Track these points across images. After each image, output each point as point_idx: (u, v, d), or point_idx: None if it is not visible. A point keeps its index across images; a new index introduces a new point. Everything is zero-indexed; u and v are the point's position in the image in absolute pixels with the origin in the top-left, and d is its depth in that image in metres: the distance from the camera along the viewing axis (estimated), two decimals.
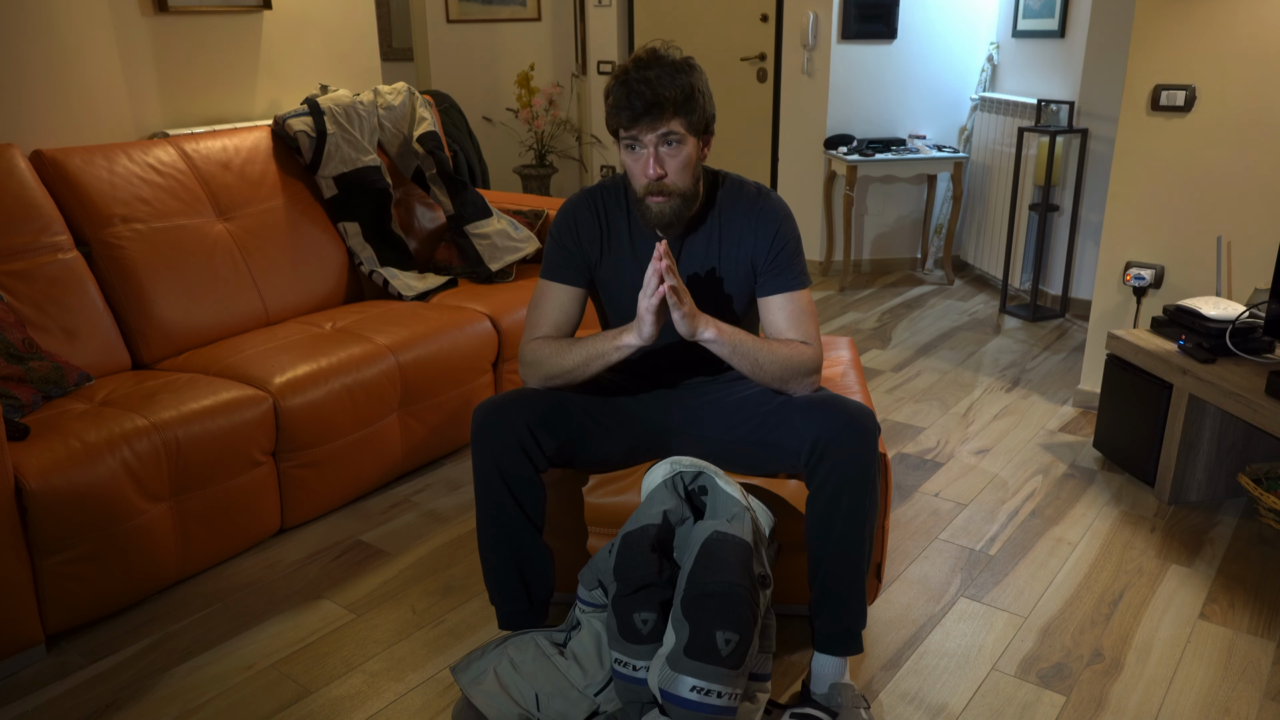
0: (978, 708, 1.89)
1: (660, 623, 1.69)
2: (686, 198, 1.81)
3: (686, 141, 1.76)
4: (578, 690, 1.76)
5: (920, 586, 2.29)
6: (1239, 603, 2.22)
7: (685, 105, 1.74)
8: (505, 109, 5.98)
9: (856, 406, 1.78)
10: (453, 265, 3.37)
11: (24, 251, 2.42)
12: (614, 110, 1.75)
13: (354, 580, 2.33)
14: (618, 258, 1.92)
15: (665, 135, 1.74)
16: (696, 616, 1.60)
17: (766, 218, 1.88)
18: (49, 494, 1.94)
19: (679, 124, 1.74)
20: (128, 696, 1.92)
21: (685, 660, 1.58)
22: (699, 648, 1.57)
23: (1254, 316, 2.54)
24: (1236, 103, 2.76)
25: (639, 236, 1.90)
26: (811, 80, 4.89)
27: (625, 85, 1.72)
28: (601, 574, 1.80)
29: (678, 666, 1.58)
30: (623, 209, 1.91)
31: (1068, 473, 2.86)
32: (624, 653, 1.70)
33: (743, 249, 1.89)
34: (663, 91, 1.70)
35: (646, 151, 1.75)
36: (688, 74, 1.75)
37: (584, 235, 1.92)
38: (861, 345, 3.98)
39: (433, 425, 2.81)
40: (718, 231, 1.89)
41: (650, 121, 1.72)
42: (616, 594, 1.72)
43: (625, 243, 1.91)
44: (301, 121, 3.08)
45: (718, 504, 1.76)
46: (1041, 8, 4.39)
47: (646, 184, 1.78)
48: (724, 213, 1.89)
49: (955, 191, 4.80)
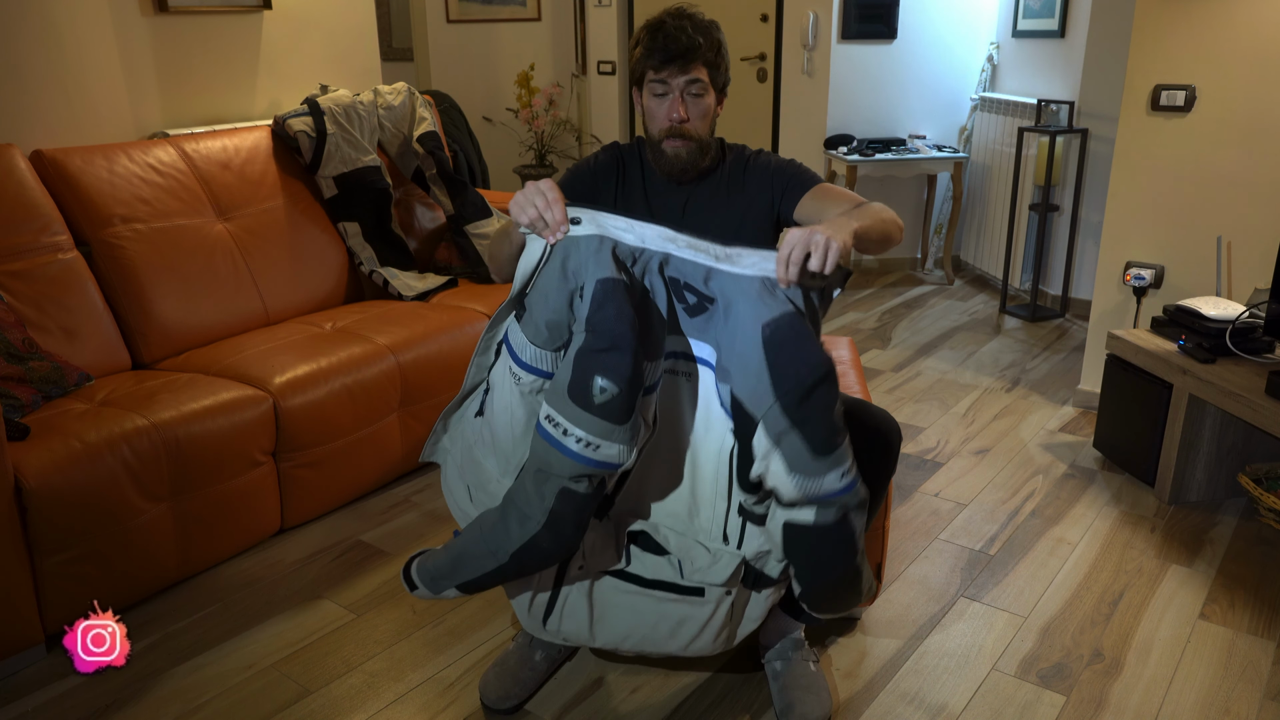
0: (978, 708, 1.89)
1: (622, 402, 1.50)
2: (702, 146, 1.86)
3: (708, 92, 1.82)
4: (496, 481, 1.73)
5: (920, 586, 2.29)
6: (1239, 603, 2.22)
7: (713, 58, 1.80)
8: (505, 109, 5.98)
9: (881, 414, 1.80)
10: (453, 265, 3.37)
11: (24, 251, 2.42)
12: (646, 53, 1.79)
13: (354, 580, 2.33)
14: (630, 204, 1.95)
15: (691, 82, 1.79)
16: (812, 411, 1.49)
17: (765, 161, 1.93)
18: (49, 494, 1.94)
19: (705, 73, 1.80)
20: (128, 696, 1.92)
21: (819, 461, 1.49)
22: (825, 440, 1.49)
23: (1254, 316, 2.54)
24: (1236, 103, 2.75)
25: (653, 187, 1.94)
26: (811, 80, 4.89)
27: (661, 29, 1.77)
28: (557, 325, 1.59)
29: (817, 471, 1.49)
30: (638, 162, 1.96)
31: (1068, 473, 2.86)
32: (562, 411, 1.51)
33: (753, 196, 1.92)
34: (696, 39, 1.76)
35: (673, 95, 1.80)
36: (716, 31, 1.82)
37: (600, 174, 1.96)
38: (861, 345, 3.98)
39: (433, 425, 2.81)
40: (725, 182, 1.93)
41: (681, 65, 1.77)
42: (582, 347, 1.51)
43: (639, 192, 1.95)
44: (301, 121, 3.08)
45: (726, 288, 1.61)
46: (1041, 8, 4.39)
47: (669, 126, 1.82)
48: (731, 169, 1.94)
49: (955, 191, 4.80)
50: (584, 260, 1.56)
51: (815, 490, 1.51)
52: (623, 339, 1.50)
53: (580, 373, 1.50)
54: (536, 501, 1.55)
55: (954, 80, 4.95)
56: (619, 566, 1.72)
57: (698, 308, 1.62)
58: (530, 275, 1.61)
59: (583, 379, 1.50)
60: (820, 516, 1.53)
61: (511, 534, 1.58)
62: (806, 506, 1.54)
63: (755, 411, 1.52)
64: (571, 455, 1.51)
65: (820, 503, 1.52)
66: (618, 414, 1.50)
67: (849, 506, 1.53)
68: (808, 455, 1.49)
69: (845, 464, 1.51)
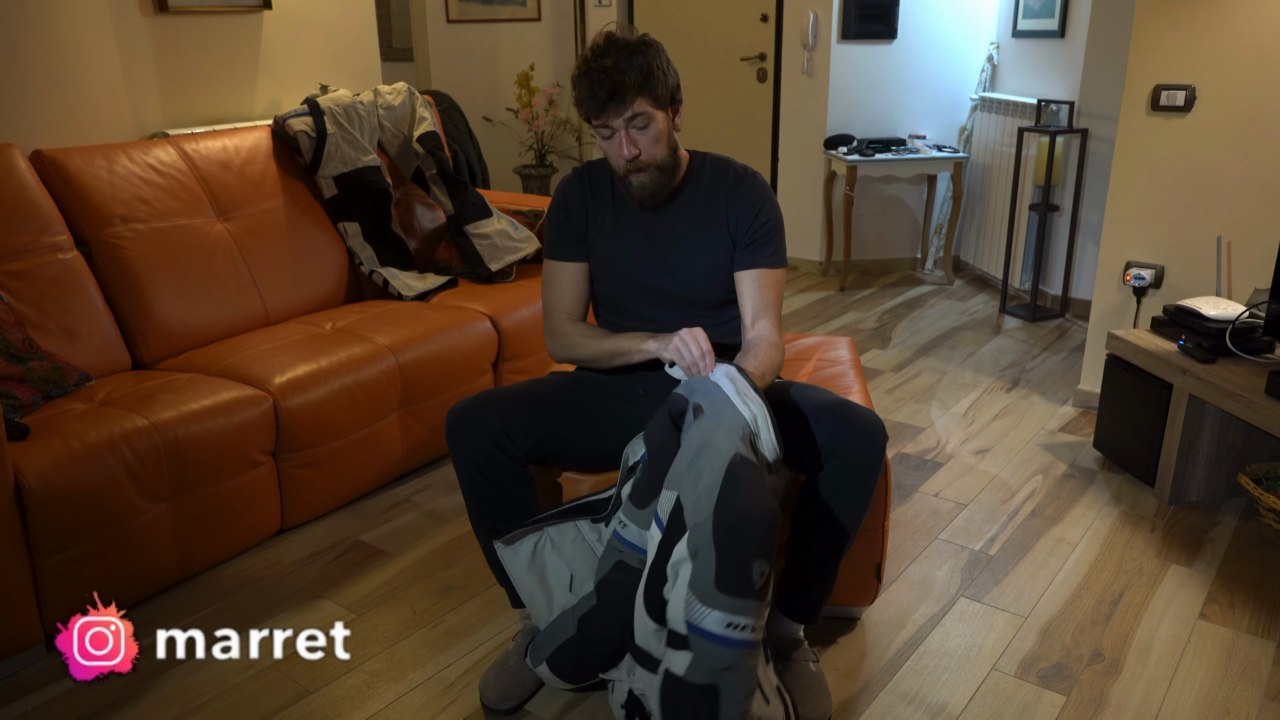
0: (978, 708, 1.89)
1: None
2: (665, 169, 1.87)
3: (655, 118, 1.81)
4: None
5: (920, 586, 2.29)
6: (1239, 603, 2.22)
7: (646, 84, 1.78)
8: (505, 109, 5.98)
9: (867, 414, 1.79)
10: (453, 265, 3.37)
11: (24, 251, 2.42)
12: (580, 102, 1.80)
13: (354, 580, 2.33)
14: (602, 231, 1.97)
15: (632, 118, 1.79)
16: (729, 545, 1.50)
17: (750, 192, 1.92)
18: (49, 494, 1.94)
19: (644, 103, 1.79)
20: (128, 696, 1.92)
21: (718, 594, 1.50)
22: (731, 580, 1.50)
23: (1254, 316, 2.54)
24: (1236, 103, 2.75)
25: (622, 211, 1.96)
26: (811, 80, 4.89)
27: (587, 76, 1.77)
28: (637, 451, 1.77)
29: (709, 601, 1.50)
30: (608, 184, 1.97)
31: (1068, 473, 2.86)
32: (631, 517, 1.69)
33: (725, 221, 1.93)
34: (622, 77, 1.75)
35: (619, 135, 1.81)
36: (644, 53, 1.78)
37: (574, 211, 1.98)
38: (861, 345, 3.98)
39: (433, 425, 2.81)
40: (701, 201, 1.93)
41: (615, 108, 1.77)
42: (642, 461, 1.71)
43: (609, 217, 1.97)
44: (301, 121, 3.08)
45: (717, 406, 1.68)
46: (1041, 8, 4.39)
47: (624, 164, 1.84)
48: (709, 186, 1.94)
49: (955, 191, 4.80)
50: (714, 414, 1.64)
51: (698, 620, 1.51)
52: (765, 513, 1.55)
53: (735, 560, 1.52)
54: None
55: (954, 80, 4.95)
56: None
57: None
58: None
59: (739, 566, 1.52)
60: (691, 671, 1.52)
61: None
62: (682, 651, 1.53)
63: (689, 519, 1.55)
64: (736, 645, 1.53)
65: (698, 642, 1.51)
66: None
67: (719, 669, 1.51)
68: (711, 581, 1.51)
69: (740, 619, 1.50)
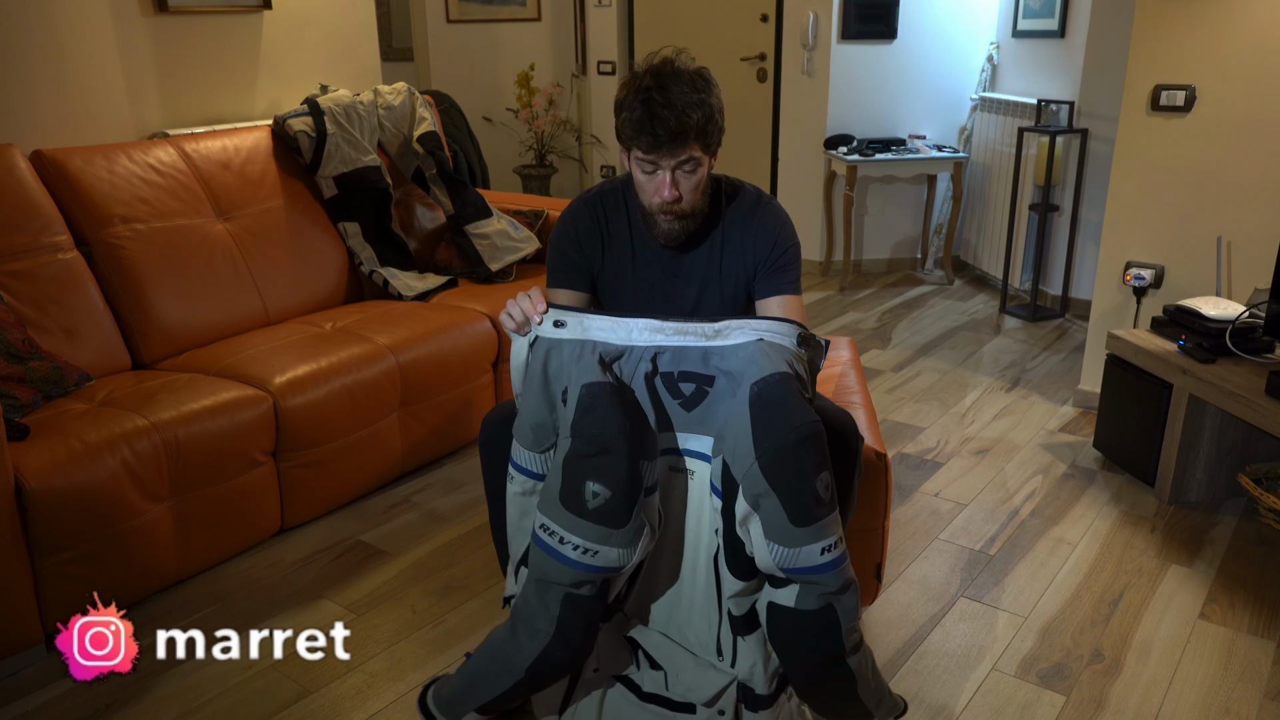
0: (978, 708, 1.89)
1: (617, 506, 1.49)
2: (697, 216, 1.80)
3: (703, 163, 1.73)
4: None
5: (920, 586, 2.29)
6: (1239, 603, 2.22)
7: (705, 129, 1.68)
8: (505, 109, 5.98)
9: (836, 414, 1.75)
10: (453, 265, 3.37)
11: (24, 251, 2.42)
12: (634, 132, 1.67)
13: (354, 580, 2.33)
14: (619, 262, 1.90)
15: (684, 162, 1.70)
16: (783, 479, 1.44)
17: (768, 223, 1.86)
18: (49, 494, 1.93)
19: (698, 148, 1.69)
20: (128, 696, 1.92)
21: (797, 531, 1.44)
22: (802, 511, 1.44)
23: (1254, 316, 2.54)
24: (1236, 103, 2.75)
25: (640, 243, 1.88)
26: (811, 80, 4.89)
27: (647, 107, 1.63)
28: (542, 428, 1.60)
29: (793, 541, 1.45)
30: (623, 213, 1.88)
31: (1068, 473, 2.86)
32: (556, 519, 1.52)
33: (744, 256, 1.87)
34: (686, 119, 1.64)
35: (662, 174, 1.70)
36: (706, 92, 1.68)
37: (584, 241, 1.89)
38: (861, 345, 3.98)
39: (433, 425, 2.81)
40: (720, 242, 1.87)
41: (671, 149, 1.67)
42: (570, 453, 1.52)
43: (626, 247, 1.89)
44: (301, 121, 3.08)
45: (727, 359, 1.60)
46: (1041, 8, 4.39)
47: (659, 204, 1.74)
48: (727, 226, 1.87)
49: (955, 191, 4.80)
50: (566, 364, 1.57)
51: (792, 563, 1.46)
52: (613, 442, 1.50)
53: (570, 479, 1.50)
54: (542, 612, 1.54)
55: (954, 80, 4.95)
56: (630, 672, 1.72)
57: (696, 396, 1.60)
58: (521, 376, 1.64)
59: (574, 485, 1.50)
60: (801, 600, 1.49)
61: (523, 648, 1.57)
62: (787, 586, 1.50)
63: (737, 473, 1.50)
64: (569, 563, 1.51)
65: (801, 579, 1.48)
66: (614, 518, 1.50)
67: (830, 592, 1.48)
68: (785, 522, 1.45)
69: (827, 539, 1.46)
